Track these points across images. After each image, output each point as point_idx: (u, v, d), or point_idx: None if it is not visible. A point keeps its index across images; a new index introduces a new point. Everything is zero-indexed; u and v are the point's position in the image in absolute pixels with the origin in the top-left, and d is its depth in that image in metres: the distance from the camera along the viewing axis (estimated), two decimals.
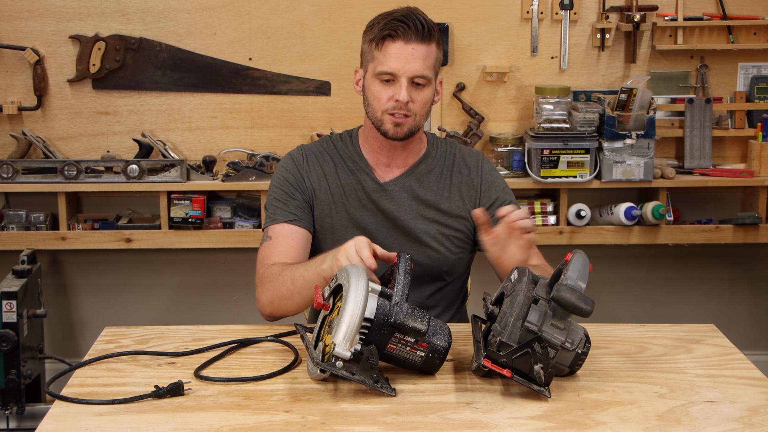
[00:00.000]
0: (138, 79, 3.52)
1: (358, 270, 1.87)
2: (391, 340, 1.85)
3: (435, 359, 1.88)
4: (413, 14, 2.23)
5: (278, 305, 2.19)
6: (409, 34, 2.20)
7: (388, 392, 1.82)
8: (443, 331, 1.90)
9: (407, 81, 2.21)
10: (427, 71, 2.22)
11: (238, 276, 3.76)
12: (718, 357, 2.04)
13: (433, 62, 2.25)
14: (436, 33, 2.25)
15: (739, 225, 3.51)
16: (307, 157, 2.38)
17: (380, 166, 2.37)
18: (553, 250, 3.45)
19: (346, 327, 1.78)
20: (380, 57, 2.23)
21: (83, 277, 3.76)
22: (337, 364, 1.79)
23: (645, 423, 1.73)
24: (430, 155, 2.39)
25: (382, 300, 1.86)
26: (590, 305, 1.81)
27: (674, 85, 3.59)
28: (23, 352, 3.30)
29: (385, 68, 2.22)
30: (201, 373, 1.93)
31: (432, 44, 2.24)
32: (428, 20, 2.25)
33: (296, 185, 2.35)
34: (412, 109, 2.24)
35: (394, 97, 2.22)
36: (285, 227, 2.31)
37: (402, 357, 1.88)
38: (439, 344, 1.88)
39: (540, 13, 3.53)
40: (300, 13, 3.51)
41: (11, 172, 3.41)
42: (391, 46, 2.21)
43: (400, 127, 2.25)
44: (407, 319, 1.84)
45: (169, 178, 3.43)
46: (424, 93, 2.25)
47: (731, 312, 3.86)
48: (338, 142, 2.41)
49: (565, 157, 3.42)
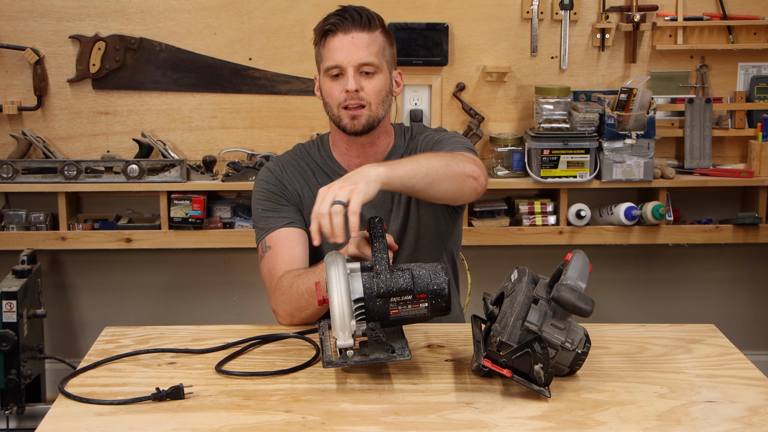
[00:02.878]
0: (138, 79, 3.52)
1: (333, 258, 1.87)
2: (390, 307, 1.86)
3: (441, 303, 1.88)
4: (350, 7, 2.27)
5: (299, 316, 2.19)
6: (347, 24, 2.24)
7: (403, 358, 1.85)
8: (436, 273, 1.89)
9: (354, 70, 2.24)
10: (372, 58, 2.24)
11: (238, 276, 3.77)
12: (718, 357, 2.04)
13: (379, 49, 2.26)
14: (378, 21, 2.28)
15: (739, 225, 3.51)
16: (284, 167, 2.39)
17: (353, 167, 2.35)
18: (553, 250, 3.46)
19: (337, 319, 1.81)
20: (325, 53, 2.27)
21: (83, 277, 3.76)
22: (348, 354, 1.82)
23: (645, 423, 1.73)
24: (399, 146, 2.40)
25: (366, 275, 1.86)
26: (590, 305, 1.81)
27: (674, 85, 3.59)
28: (23, 352, 3.30)
29: (331, 62, 2.25)
30: (222, 368, 1.95)
31: (375, 32, 2.26)
32: (367, 10, 2.27)
33: (281, 193, 2.35)
34: (365, 98, 2.25)
35: (344, 88, 2.24)
36: (281, 232, 2.30)
37: (409, 316, 1.89)
38: (437, 288, 1.87)
39: (540, 13, 3.53)
40: (300, 13, 3.51)
41: (11, 172, 3.41)
42: (333, 40, 2.25)
43: (357, 119, 2.26)
44: (391, 284, 1.85)
45: (169, 178, 3.43)
46: (375, 81, 2.26)
47: (731, 312, 3.86)
48: (311, 149, 2.42)
49: (565, 157, 3.42)
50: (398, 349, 1.87)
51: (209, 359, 2.01)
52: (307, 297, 2.14)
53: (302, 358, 2.01)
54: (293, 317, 2.20)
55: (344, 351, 1.82)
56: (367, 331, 1.84)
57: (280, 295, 2.21)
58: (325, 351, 1.92)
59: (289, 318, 2.21)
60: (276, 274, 2.24)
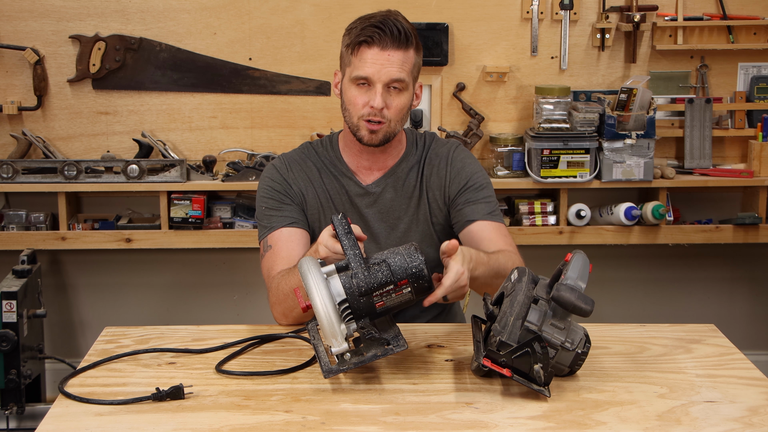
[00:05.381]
0: (138, 79, 3.52)
1: (307, 264, 1.86)
2: (375, 301, 1.86)
3: (423, 284, 1.87)
4: (390, 20, 2.22)
5: (291, 316, 2.20)
6: (385, 40, 2.20)
7: (400, 349, 1.85)
8: (411, 255, 1.88)
9: (382, 87, 2.21)
10: (403, 75, 2.22)
11: (238, 276, 3.77)
12: (718, 357, 2.04)
13: (411, 67, 2.24)
14: (414, 38, 2.25)
15: (739, 225, 3.51)
16: (290, 165, 2.38)
17: (361, 170, 2.37)
18: (553, 250, 3.45)
19: (326, 327, 1.80)
20: (356, 62, 2.23)
21: (83, 277, 3.76)
22: (346, 358, 1.82)
23: (645, 423, 1.73)
24: (410, 154, 2.39)
25: (343, 275, 1.86)
26: (590, 305, 1.81)
27: (674, 85, 3.59)
28: (23, 352, 3.30)
29: (361, 73, 2.22)
30: (222, 368, 1.96)
31: (409, 50, 2.23)
32: (406, 25, 2.23)
33: (285, 192, 2.35)
34: (387, 116, 2.23)
35: (370, 103, 2.22)
36: (283, 232, 2.30)
37: (395, 304, 1.88)
38: (416, 270, 1.86)
39: (540, 13, 3.53)
40: (300, 13, 3.51)
41: (11, 172, 3.41)
42: (367, 52, 2.21)
43: (375, 134, 2.25)
44: (371, 279, 1.85)
45: (169, 178, 3.43)
46: (401, 98, 2.24)
47: (731, 312, 3.86)
48: (319, 147, 2.41)
49: (565, 157, 3.42)
50: (392, 340, 1.87)
51: (209, 359, 2.01)
52: (293, 297, 2.14)
53: (302, 358, 2.01)
54: (286, 317, 2.21)
55: (341, 356, 1.82)
56: (358, 330, 1.83)
57: (272, 296, 2.22)
58: (322, 358, 1.91)
59: (282, 318, 2.22)
60: (273, 273, 2.25)
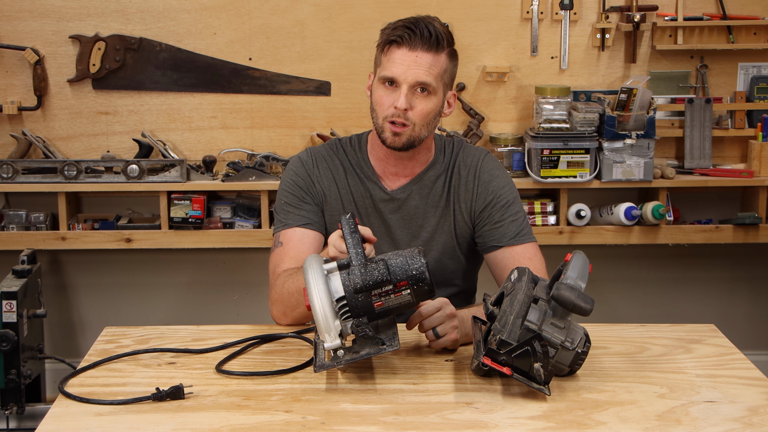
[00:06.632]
0: (138, 79, 3.52)
1: (308, 262, 1.87)
2: (373, 300, 1.86)
3: (423, 287, 1.87)
4: (423, 22, 2.20)
5: (291, 315, 2.20)
6: (415, 41, 2.18)
7: (392, 348, 1.85)
8: (413, 258, 1.88)
9: (408, 88, 2.19)
10: (430, 79, 2.19)
11: (238, 276, 3.77)
12: (718, 357, 2.05)
13: (440, 72, 2.21)
14: (446, 42, 2.21)
15: (739, 225, 3.51)
16: (317, 161, 2.36)
17: (388, 175, 2.35)
18: (553, 250, 3.45)
19: (320, 321, 1.81)
20: (385, 62, 2.21)
21: (83, 277, 3.76)
22: (339, 354, 1.82)
23: (645, 423, 1.73)
24: (437, 162, 2.36)
25: (344, 273, 1.86)
26: (590, 304, 1.81)
27: (674, 85, 3.59)
28: (23, 352, 3.30)
29: (388, 73, 2.20)
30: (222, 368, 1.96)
31: (440, 54, 2.20)
32: (440, 29, 2.20)
33: (307, 189, 2.33)
34: (411, 119, 2.20)
35: (394, 103, 2.20)
36: (297, 231, 2.29)
37: (394, 305, 1.88)
38: (417, 273, 1.86)
39: (540, 13, 3.53)
40: (300, 13, 3.51)
41: (11, 172, 3.41)
42: (396, 52, 2.19)
43: (398, 136, 2.22)
44: (367, 277, 1.84)
45: (169, 178, 3.43)
46: (427, 103, 2.21)
47: (731, 312, 3.86)
48: (347, 146, 2.38)
49: (565, 157, 3.42)
50: (387, 340, 1.87)
51: (209, 359, 2.02)
52: (297, 296, 2.14)
53: (302, 358, 2.01)
54: (286, 316, 2.20)
55: (335, 352, 1.83)
56: (353, 327, 1.84)
57: (274, 293, 2.22)
58: (318, 354, 1.92)
59: (282, 316, 2.21)
60: (279, 271, 2.25)
